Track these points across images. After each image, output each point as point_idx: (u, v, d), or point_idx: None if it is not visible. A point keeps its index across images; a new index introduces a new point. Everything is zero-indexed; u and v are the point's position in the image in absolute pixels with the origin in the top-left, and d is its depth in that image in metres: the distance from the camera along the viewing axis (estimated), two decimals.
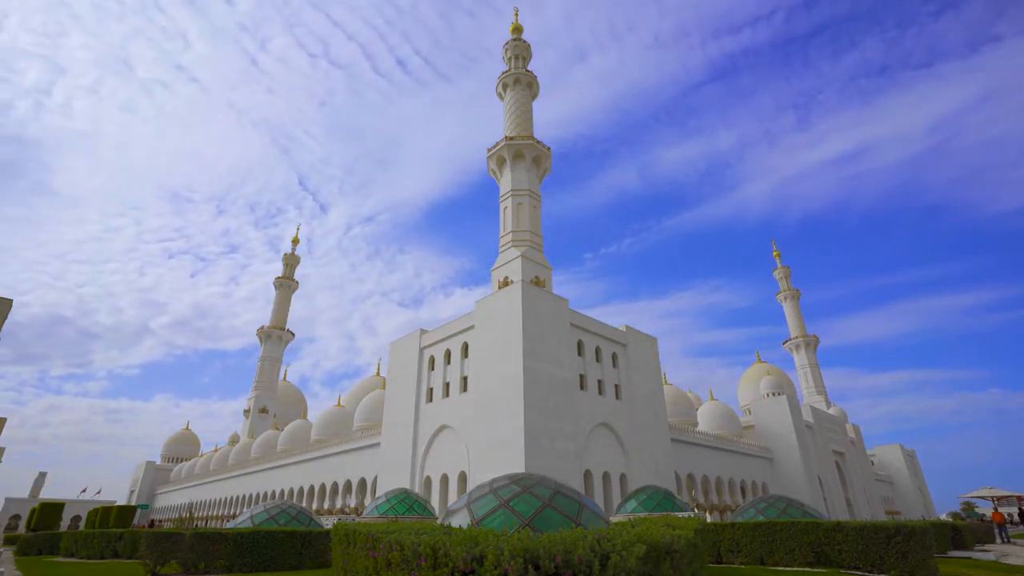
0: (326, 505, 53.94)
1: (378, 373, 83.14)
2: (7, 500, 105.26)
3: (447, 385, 41.09)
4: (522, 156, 52.13)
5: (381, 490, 41.12)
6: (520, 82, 58.22)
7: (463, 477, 36.46)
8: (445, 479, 38.03)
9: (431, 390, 42.38)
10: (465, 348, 40.30)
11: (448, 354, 41.93)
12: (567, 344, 38.03)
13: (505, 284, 44.13)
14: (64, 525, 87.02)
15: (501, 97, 59.84)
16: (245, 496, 72.11)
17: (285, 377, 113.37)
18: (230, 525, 21.39)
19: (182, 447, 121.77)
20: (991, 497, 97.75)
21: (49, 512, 53.24)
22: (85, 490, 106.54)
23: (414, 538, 7.06)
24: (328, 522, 42.30)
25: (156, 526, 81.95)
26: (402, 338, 47.48)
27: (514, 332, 34.98)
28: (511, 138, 52.97)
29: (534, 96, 59.33)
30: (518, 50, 60.84)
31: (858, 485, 76.45)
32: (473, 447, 35.49)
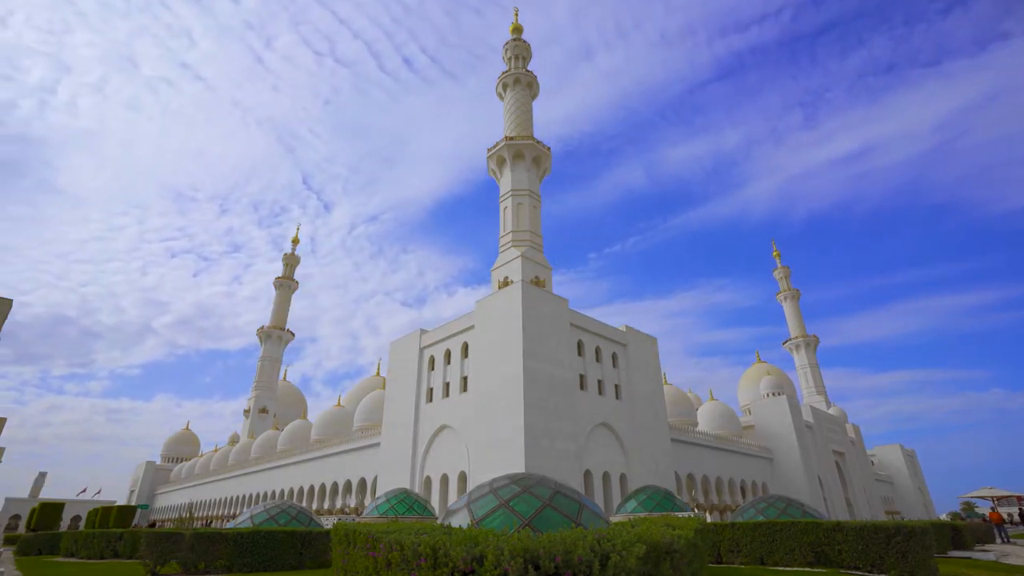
0: (326, 505, 53.96)
1: (378, 373, 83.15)
2: (7, 500, 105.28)
3: (447, 385, 41.10)
4: (522, 156, 52.16)
5: (381, 490, 41.13)
6: (520, 82, 58.26)
7: (463, 477, 36.46)
8: (445, 479, 38.04)
9: (431, 390, 42.40)
10: (465, 348, 40.31)
11: (448, 354, 41.95)
12: (567, 344, 38.04)
13: (505, 284, 44.15)
14: (64, 525, 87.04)
15: (501, 97, 59.88)
16: (245, 496, 72.13)
17: (285, 377, 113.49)
18: (230, 525, 21.39)
19: (182, 447, 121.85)
20: (991, 497, 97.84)
21: (49, 512, 53.24)
22: (85, 490, 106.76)
23: (414, 538, 7.06)
24: (328, 522, 42.30)
25: (156, 526, 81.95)
26: (402, 338, 47.50)
27: (514, 332, 35.00)
28: (511, 138, 53.00)
29: (534, 96, 59.37)
30: (518, 50, 60.89)
31: (858, 485, 76.46)
32: (473, 447, 35.50)
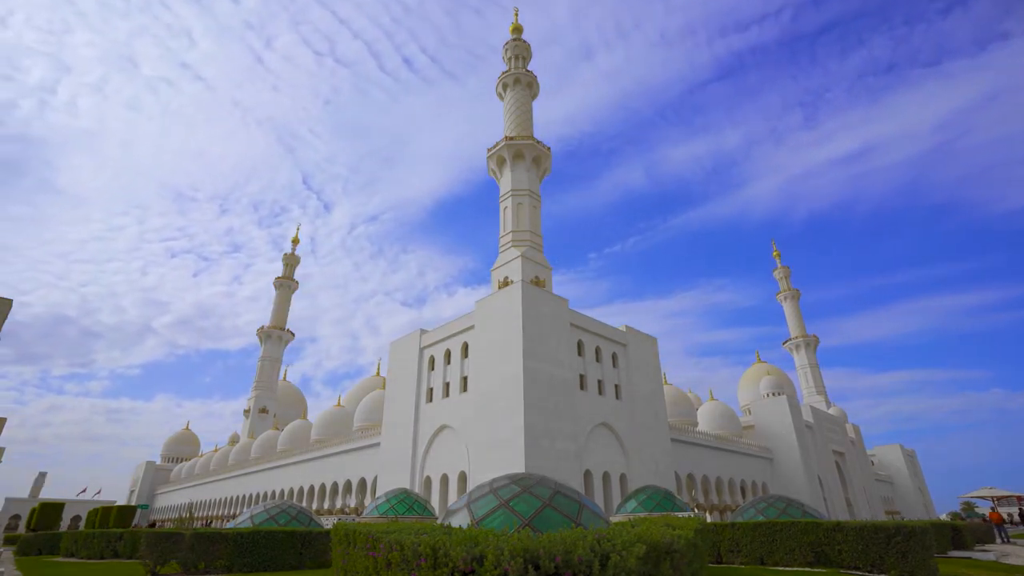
0: (326, 505, 53.96)
1: (378, 373, 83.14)
2: (7, 500, 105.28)
3: (447, 385, 41.10)
4: (522, 156, 52.17)
5: (381, 490, 41.13)
6: (520, 82, 58.27)
7: (463, 477, 36.46)
8: (445, 479, 38.04)
9: (431, 390, 42.39)
10: (465, 348, 40.31)
11: (448, 354, 41.95)
12: (567, 344, 38.04)
13: (505, 284, 44.15)
14: (64, 525, 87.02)
15: (501, 97, 59.89)
16: (245, 496, 72.13)
17: (285, 377, 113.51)
18: (230, 525, 21.39)
19: (182, 447, 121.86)
20: (991, 497, 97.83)
21: (49, 512, 53.23)
22: (85, 490, 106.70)
23: (414, 538, 7.06)
24: (328, 522, 42.30)
25: (156, 526, 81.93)
26: (402, 338, 47.50)
27: (514, 332, 35.00)
28: (511, 138, 53.00)
29: (534, 96, 59.38)
30: (518, 50, 60.90)
31: (858, 485, 76.46)
32: (473, 447, 35.50)
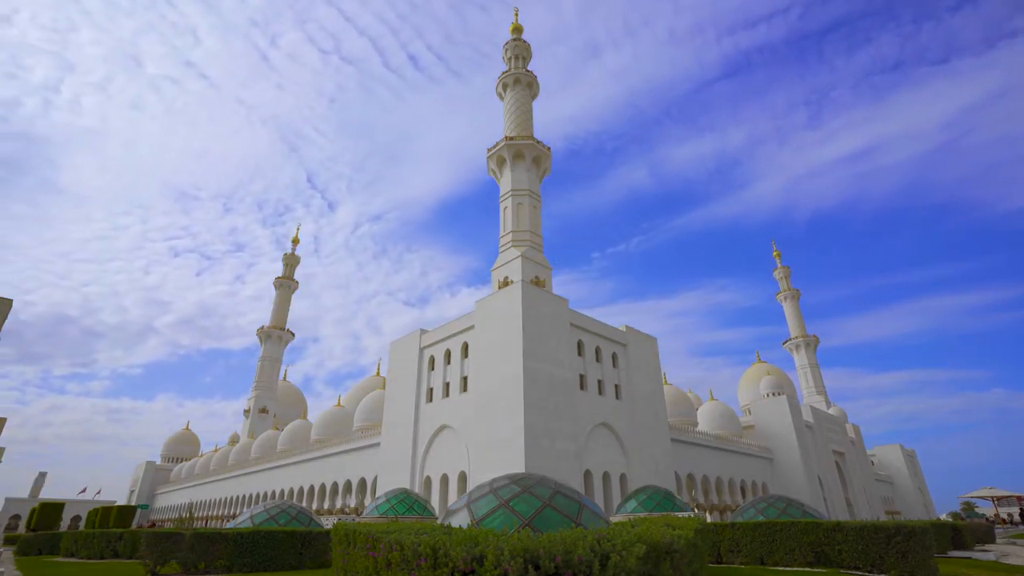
0: (326, 505, 53.95)
1: (378, 373, 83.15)
2: (7, 500, 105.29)
3: (447, 385, 41.10)
4: (522, 156, 52.17)
5: (381, 490, 41.13)
6: (520, 82, 58.27)
7: (463, 477, 36.46)
8: (445, 479, 38.04)
9: (431, 390, 42.40)
10: (465, 348, 40.31)
11: (448, 354, 41.95)
12: (567, 344, 38.04)
13: (505, 284, 44.15)
14: (64, 525, 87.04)
15: (501, 97, 59.90)
16: (245, 496, 72.13)
17: (285, 377, 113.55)
18: (230, 525, 21.39)
19: (182, 447, 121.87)
20: (991, 497, 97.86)
21: (49, 512, 53.20)
22: (85, 490, 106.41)
23: (414, 538, 7.06)
24: (328, 522, 42.31)
25: (157, 526, 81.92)
26: (402, 338, 47.50)
27: (514, 332, 35.00)
28: (511, 138, 53.01)
29: (534, 96, 59.39)
30: (518, 50, 60.91)
31: (858, 485, 76.46)
32: (473, 447, 35.50)
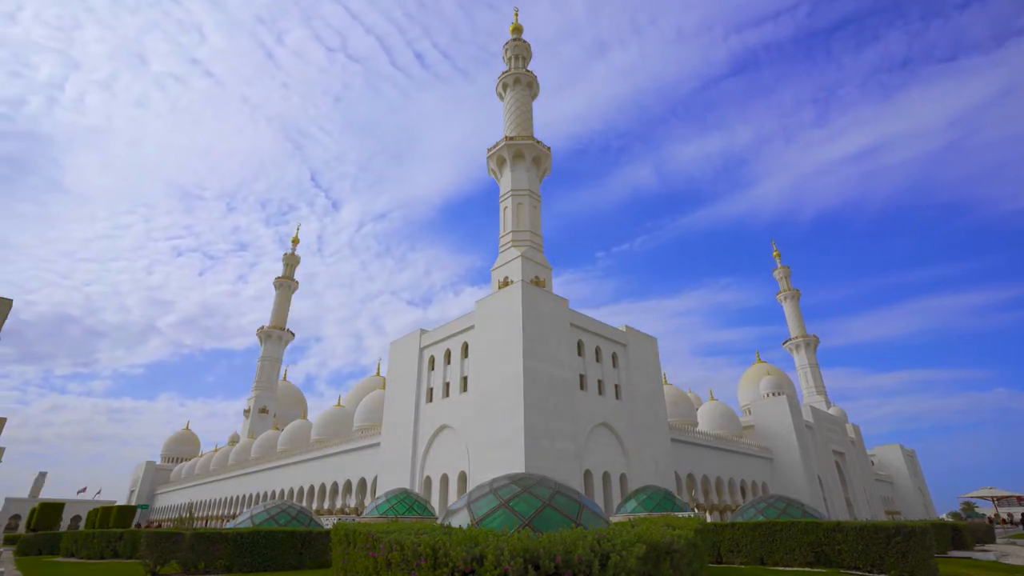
0: (326, 505, 53.96)
1: (378, 373, 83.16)
2: (7, 500, 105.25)
3: (447, 385, 41.10)
4: (522, 156, 52.18)
5: (381, 490, 41.13)
6: (520, 82, 58.28)
7: (463, 477, 36.46)
8: (445, 479, 38.04)
9: (431, 390, 42.40)
10: (465, 348, 40.31)
11: (448, 354, 41.95)
12: (567, 344, 38.04)
13: (505, 284, 44.15)
14: (64, 525, 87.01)
15: (501, 97, 59.92)
16: (245, 496, 72.13)
17: (285, 377, 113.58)
18: (230, 525, 21.39)
19: (182, 447, 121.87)
20: (991, 497, 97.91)
21: (49, 512, 53.19)
22: (84, 489, 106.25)
23: (414, 538, 7.06)
24: (328, 522, 42.30)
25: (161, 526, 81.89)
26: (402, 338, 47.50)
27: (514, 332, 35.00)
28: (511, 138, 53.01)
29: (534, 96, 59.41)
30: (518, 50, 60.92)
31: (858, 485, 76.45)
32: (473, 447, 35.49)
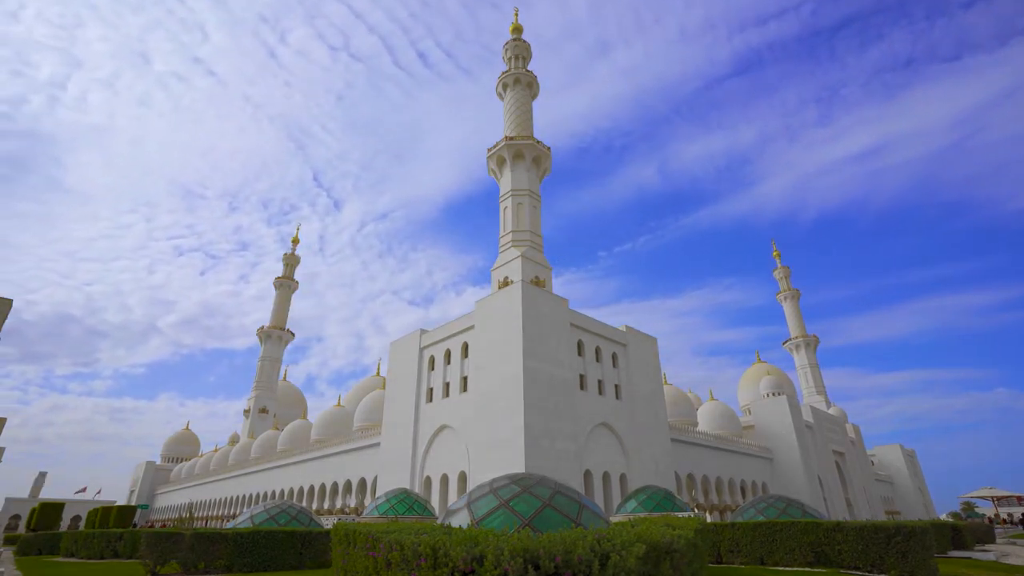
0: (326, 505, 53.95)
1: (378, 373, 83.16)
2: (7, 500, 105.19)
3: (447, 385, 41.10)
4: (522, 156, 52.17)
5: (381, 490, 41.13)
6: (520, 82, 58.27)
7: (463, 477, 36.46)
8: (445, 479, 38.04)
9: (431, 390, 42.40)
10: (465, 348, 40.31)
11: (448, 354, 41.95)
12: (567, 344, 38.04)
13: (505, 284, 44.15)
14: (64, 525, 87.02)
15: (501, 97, 59.91)
16: (245, 496, 72.13)
17: (285, 377, 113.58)
18: (230, 525, 21.39)
19: (182, 447, 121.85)
20: (991, 497, 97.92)
21: (49, 512, 53.20)
22: (84, 489, 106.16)
23: (414, 538, 7.06)
24: (328, 522, 42.30)
25: (161, 526, 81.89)
26: (402, 338, 47.50)
27: (514, 332, 35.00)
28: (511, 138, 53.00)
29: (534, 96, 59.40)
30: (518, 50, 60.91)
31: (858, 485, 76.45)
32: (473, 447, 35.49)
